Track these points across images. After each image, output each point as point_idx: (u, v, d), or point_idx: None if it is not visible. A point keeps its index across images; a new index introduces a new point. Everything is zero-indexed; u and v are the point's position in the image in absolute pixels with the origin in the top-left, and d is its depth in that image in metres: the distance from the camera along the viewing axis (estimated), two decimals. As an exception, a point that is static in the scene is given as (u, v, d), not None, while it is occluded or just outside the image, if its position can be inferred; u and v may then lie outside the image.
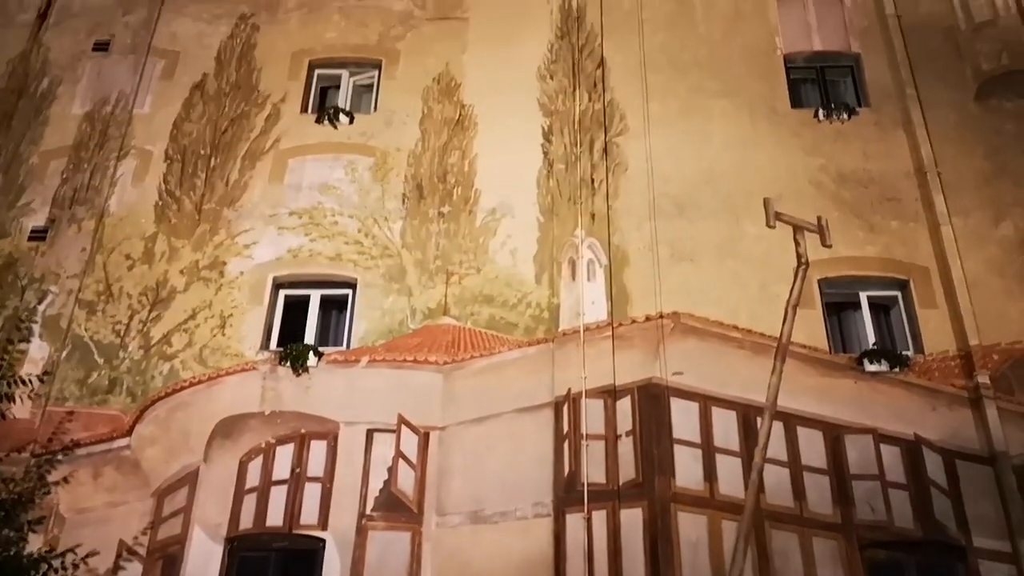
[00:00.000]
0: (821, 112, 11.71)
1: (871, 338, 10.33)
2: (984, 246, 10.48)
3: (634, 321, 10.29)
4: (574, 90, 12.08)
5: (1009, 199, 10.80)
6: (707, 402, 9.68)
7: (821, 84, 12.33)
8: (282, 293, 11.07)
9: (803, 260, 10.57)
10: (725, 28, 12.55)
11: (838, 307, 10.73)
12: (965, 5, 12.38)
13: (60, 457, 8.11)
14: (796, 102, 11.99)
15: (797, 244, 10.70)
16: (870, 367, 9.90)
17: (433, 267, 10.93)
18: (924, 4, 12.43)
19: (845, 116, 11.65)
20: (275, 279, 11.04)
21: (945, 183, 10.88)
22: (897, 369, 9.85)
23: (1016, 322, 9.97)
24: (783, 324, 10.12)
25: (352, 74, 12.76)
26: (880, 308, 10.69)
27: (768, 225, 10.85)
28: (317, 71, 12.76)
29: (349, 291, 10.98)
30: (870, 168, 11.21)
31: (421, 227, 11.23)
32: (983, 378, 9.59)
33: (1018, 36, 11.94)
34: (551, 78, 12.21)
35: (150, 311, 10.81)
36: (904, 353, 10.03)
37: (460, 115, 12.05)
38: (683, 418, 9.61)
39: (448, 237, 11.12)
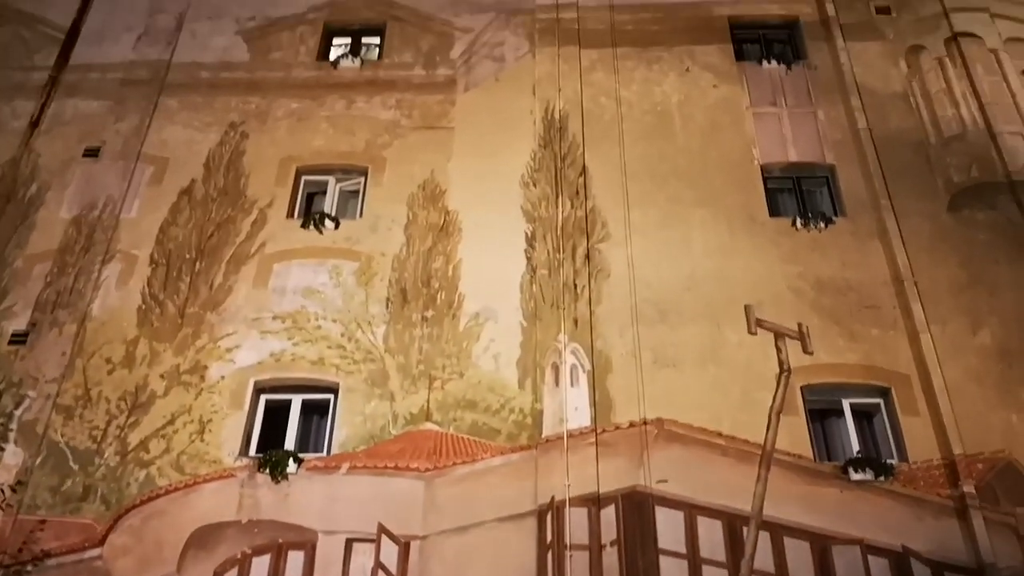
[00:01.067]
0: (799, 221, 11.95)
1: (855, 446, 10.31)
2: (963, 355, 10.58)
3: (618, 427, 10.24)
4: (557, 197, 12.30)
5: (985, 308, 10.96)
6: (692, 511, 9.56)
7: (798, 194, 12.62)
8: (263, 398, 10.97)
9: (785, 367, 10.62)
10: (703, 139, 12.91)
11: (821, 414, 10.73)
12: (934, 120, 12.82)
13: (30, 568, 7.89)
14: (774, 211, 12.24)
15: (779, 351, 10.77)
16: (855, 476, 9.84)
17: (416, 372, 10.89)
18: (894, 118, 12.87)
19: (822, 225, 11.89)
20: (256, 383, 10.95)
21: (922, 292, 11.05)
22: (882, 478, 9.79)
23: (998, 431, 9.98)
24: (767, 431, 10.10)
25: (339, 180, 12.97)
26: (863, 415, 10.70)
27: (750, 332, 10.94)
28: (304, 177, 12.96)
29: (331, 396, 10.89)
30: (848, 276, 11.39)
31: (404, 331, 11.23)
32: (968, 488, 9.54)
33: (986, 150, 12.34)
34: (534, 185, 12.44)
35: (128, 416, 10.67)
36: (889, 462, 9.98)
37: (445, 221, 12.22)
38: (668, 527, 9.47)
39: (431, 342, 11.12)
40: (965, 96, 12.94)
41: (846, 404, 10.63)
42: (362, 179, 12.87)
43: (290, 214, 12.48)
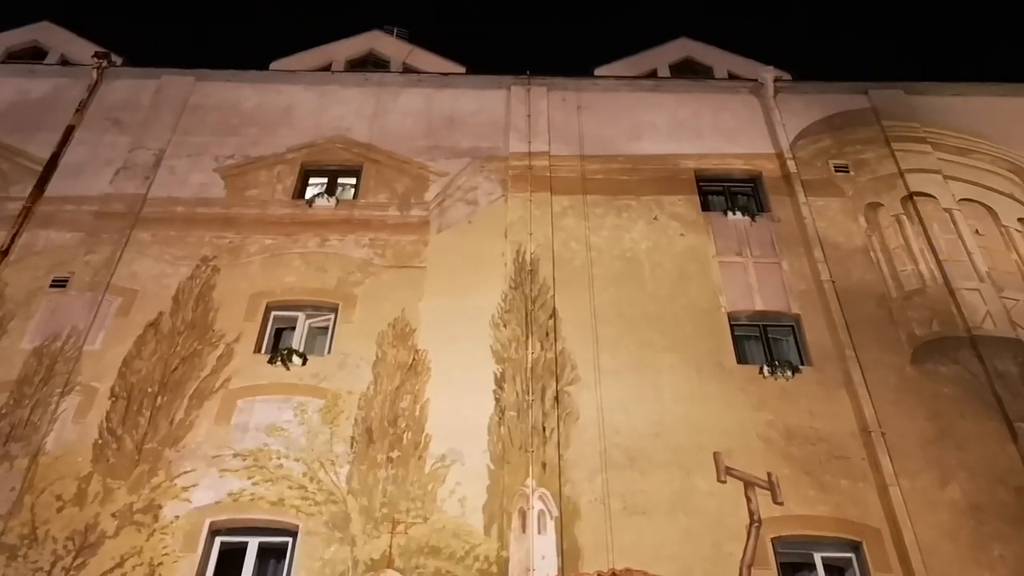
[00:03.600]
0: (766, 369, 12.06)
1: (837, 603, 10.06)
2: (934, 510, 10.51)
3: (585, 578, 9.93)
4: (527, 339, 12.34)
5: (954, 462, 10.99)
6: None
7: (765, 342, 12.79)
8: (218, 540, 10.53)
9: (755, 517, 10.46)
10: (671, 286, 13.14)
11: (793, 567, 10.50)
12: (894, 274, 13.19)
13: None
14: (741, 358, 12.36)
15: (749, 500, 10.64)
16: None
17: (379, 515, 10.57)
18: (856, 271, 13.24)
19: (789, 373, 11.99)
20: (212, 524, 10.54)
21: (890, 444, 11.08)
22: (865, 638, 9.51)
23: (973, 591, 9.83)
24: (739, 585, 9.85)
25: (308, 316, 12.94)
26: (835, 570, 10.49)
27: (719, 480, 10.82)
28: (274, 313, 12.92)
29: (289, 539, 10.49)
30: (817, 426, 11.41)
31: (369, 472, 10.97)
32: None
33: (946, 305, 12.67)
34: (504, 326, 12.50)
35: (75, 558, 10.15)
36: (877, 620, 9.73)
37: (414, 360, 12.16)
38: None
39: (396, 483, 10.86)
40: (923, 252, 13.39)
41: (818, 558, 10.44)
42: (332, 316, 12.86)
43: (257, 349, 12.36)
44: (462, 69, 17.64)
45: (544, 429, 11.34)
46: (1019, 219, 14.02)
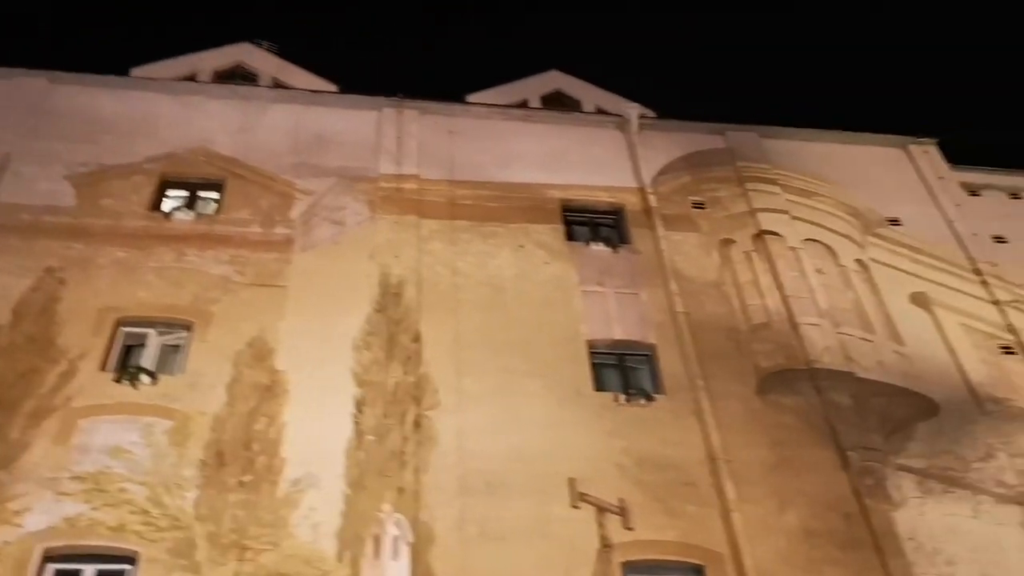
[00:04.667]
0: (622, 397, 12.37)
1: (666, 625, 10.33)
2: (772, 535, 10.99)
3: (438, 605, 9.89)
4: (389, 362, 12.25)
5: (792, 489, 11.53)
6: None
7: (622, 370, 13.12)
8: (51, 567, 9.94)
9: (607, 542, 10.68)
10: (535, 314, 13.34)
11: (640, 592, 10.77)
12: (744, 308, 13.82)
13: None
14: (599, 386, 12.63)
15: (601, 526, 10.85)
16: (672, 656, 9.82)
17: (227, 541, 10.21)
18: (709, 305, 13.79)
19: (643, 401, 12.35)
20: (45, 551, 9.95)
21: (734, 472, 11.54)
22: (697, 658, 9.82)
23: (805, 612, 10.33)
24: (588, 609, 10.01)
25: (160, 334, 12.45)
26: (681, 594, 10.82)
27: (572, 505, 11.00)
28: (123, 329, 12.36)
29: (128, 566, 10.01)
30: (668, 453, 11.76)
31: (218, 497, 10.60)
32: (778, 670, 9.71)
33: (789, 338, 13.34)
34: (367, 349, 12.37)
35: None
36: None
37: (272, 381, 11.87)
38: None
39: (247, 508, 10.52)
40: (770, 288, 14.08)
41: (655, 583, 10.74)
42: (186, 334, 12.41)
43: (104, 367, 11.80)
44: (334, 88, 17.50)
45: (403, 454, 11.27)
46: (856, 260, 14.95)
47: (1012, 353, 13.80)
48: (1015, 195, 17.17)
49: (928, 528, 11.28)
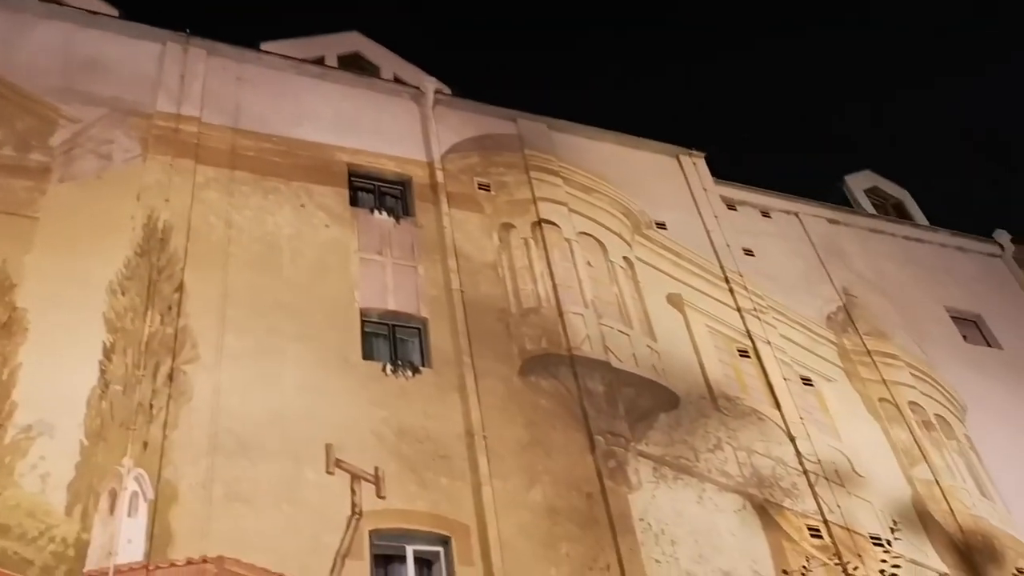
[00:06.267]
0: (389, 367, 12.41)
1: (414, 593, 10.53)
2: (518, 510, 11.43)
3: (173, 564, 9.50)
4: (146, 310, 11.61)
5: (541, 468, 12.03)
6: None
7: (392, 341, 13.14)
8: None
9: (357, 510, 10.70)
10: (309, 276, 13.07)
11: (386, 560, 10.84)
12: (516, 292, 14.25)
13: None
14: (368, 354, 12.58)
15: (353, 493, 10.85)
16: (409, 622, 10.01)
17: (-60, 489, 9.31)
18: (484, 285, 14.10)
19: (410, 374, 12.45)
20: None
21: (490, 448, 11.88)
22: (432, 624, 10.06)
23: (541, 585, 10.84)
24: (330, 574, 9.99)
25: None
26: (424, 563, 11.01)
27: (328, 471, 10.91)
28: None
29: None
30: (428, 426, 11.93)
31: (-67, 441, 9.63)
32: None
33: (555, 325, 13.90)
34: (123, 294, 11.64)
35: None
36: (442, 610, 10.31)
37: (10, 318, 10.89)
38: None
39: (-34, 454, 9.63)
40: (543, 275, 14.62)
41: (409, 551, 10.86)
42: (-90, 262, 11.13)
43: None
44: (115, 12, 16.20)
45: (151, 407, 10.72)
46: (624, 257, 15.82)
47: (747, 356, 15.14)
48: (766, 214, 18.78)
49: (658, 511, 12.16)
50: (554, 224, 15.54)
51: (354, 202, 14.64)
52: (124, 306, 11.51)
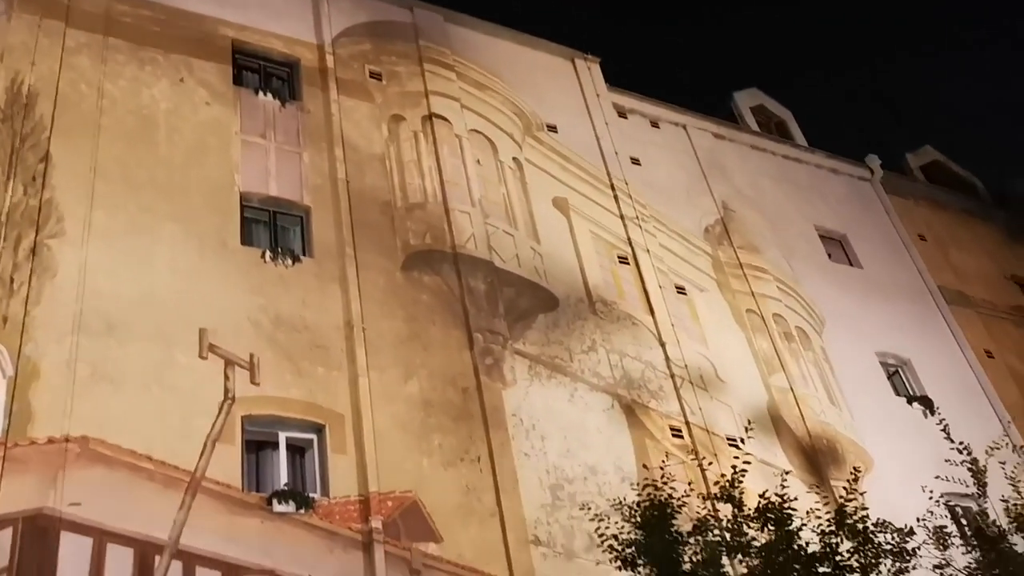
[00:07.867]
0: (268, 254, 12.15)
1: (284, 479, 10.60)
2: (393, 401, 11.57)
3: (33, 442, 9.28)
4: (8, 180, 11.01)
5: (418, 362, 12.15)
6: (103, 538, 8.97)
7: (272, 228, 12.85)
8: None
9: (230, 395, 10.61)
10: (187, 155, 12.57)
11: (258, 446, 10.87)
12: (403, 186, 14.06)
13: None
14: (247, 240, 12.29)
15: (227, 378, 10.74)
16: (278, 507, 10.08)
17: None
18: (370, 176, 13.85)
19: (290, 262, 12.22)
20: None
21: (369, 339, 11.90)
22: (303, 510, 10.18)
23: (410, 473, 11.01)
24: (200, 458, 9.94)
25: None
26: (297, 450, 11.09)
27: (200, 356, 10.73)
28: None
29: None
30: (306, 315, 11.82)
31: None
32: (376, 523, 10.34)
33: (440, 221, 13.84)
34: (-18, 161, 10.94)
35: None
36: (311, 495, 10.42)
37: None
38: (73, 555, 8.77)
39: None
40: (431, 171, 14.45)
41: (282, 437, 10.91)
42: None
43: None
44: None
45: (12, 281, 10.25)
46: (513, 158, 15.77)
47: (626, 263, 15.51)
48: (655, 124, 18.98)
49: (530, 407, 12.54)
50: (445, 119, 15.30)
51: (238, 81, 14.03)
52: (-17, 174, 10.84)
